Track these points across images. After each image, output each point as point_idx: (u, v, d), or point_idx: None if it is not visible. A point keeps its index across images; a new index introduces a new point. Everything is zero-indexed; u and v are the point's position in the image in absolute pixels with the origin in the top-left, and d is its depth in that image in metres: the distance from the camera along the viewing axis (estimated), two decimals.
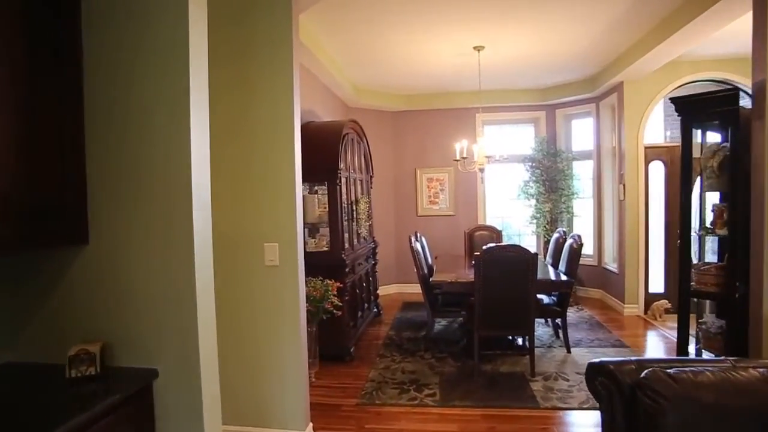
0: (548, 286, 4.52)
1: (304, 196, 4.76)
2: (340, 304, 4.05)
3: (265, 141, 2.85)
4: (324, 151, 4.65)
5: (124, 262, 1.80)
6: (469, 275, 4.48)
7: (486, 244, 5.58)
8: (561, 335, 4.75)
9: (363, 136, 5.77)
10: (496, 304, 3.99)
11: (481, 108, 5.99)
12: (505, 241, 7.02)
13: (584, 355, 4.50)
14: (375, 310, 6.06)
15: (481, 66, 5.46)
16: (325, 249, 4.72)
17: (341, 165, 4.67)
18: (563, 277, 4.48)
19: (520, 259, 3.90)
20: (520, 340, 4.74)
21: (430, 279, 4.45)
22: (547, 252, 6.22)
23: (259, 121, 2.85)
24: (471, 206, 7.55)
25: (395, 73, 6.12)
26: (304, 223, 4.78)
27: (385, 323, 5.88)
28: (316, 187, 4.99)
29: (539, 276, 4.08)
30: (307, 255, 4.76)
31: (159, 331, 1.77)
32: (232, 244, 2.91)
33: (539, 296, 4.56)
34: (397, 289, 7.67)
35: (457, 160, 5.34)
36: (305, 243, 4.74)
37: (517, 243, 7.67)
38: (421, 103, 7.45)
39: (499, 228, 6.55)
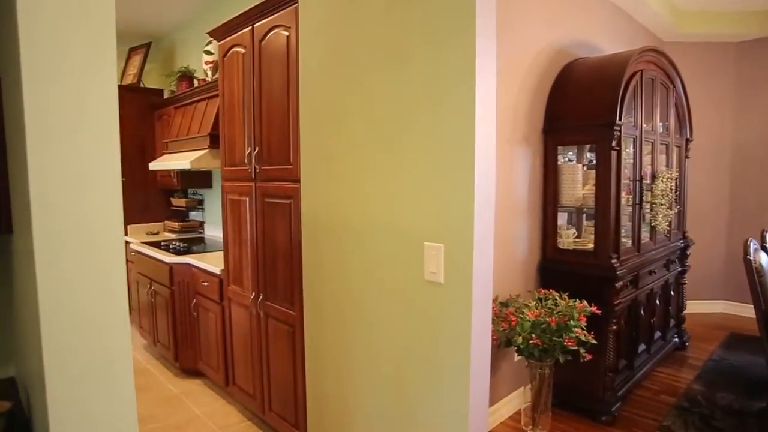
0: None
1: (559, 166, 3.27)
2: (593, 341, 2.48)
3: (422, 67, 1.59)
4: (595, 97, 3.02)
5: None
6: None
7: None
8: None
9: (675, 78, 3.75)
10: None
11: None
12: None
13: None
14: (675, 340, 4.06)
15: None
16: (589, 248, 3.14)
17: (623, 118, 2.95)
18: None
19: None
20: None
21: None
22: None
23: (413, 25, 1.60)
24: None
25: None
26: (560, 206, 3.29)
27: (689, 365, 3.84)
28: (587, 153, 3.42)
29: None
30: (559, 254, 3.28)
31: None
32: (374, 243, 1.80)
33: None
34: (724, 309, 5.22)
35: None
36: (558, 235, 3.27)
37: None
38: None
39: None
